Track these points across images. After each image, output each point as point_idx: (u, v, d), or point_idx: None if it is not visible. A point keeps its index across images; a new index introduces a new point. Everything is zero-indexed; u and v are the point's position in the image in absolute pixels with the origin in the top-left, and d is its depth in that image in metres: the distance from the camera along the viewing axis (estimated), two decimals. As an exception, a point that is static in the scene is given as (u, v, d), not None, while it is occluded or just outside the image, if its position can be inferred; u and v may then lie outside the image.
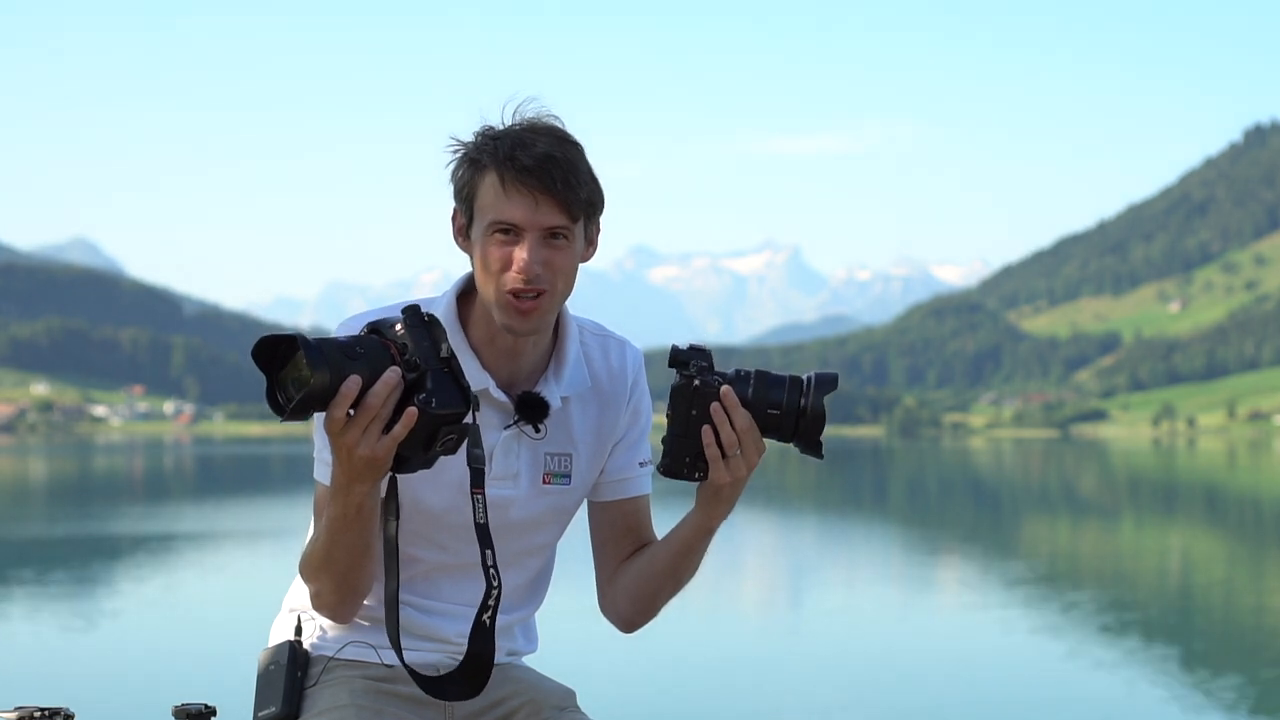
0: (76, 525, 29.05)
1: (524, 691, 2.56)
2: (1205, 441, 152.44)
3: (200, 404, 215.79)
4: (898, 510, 38.77)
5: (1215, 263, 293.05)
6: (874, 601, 17.95)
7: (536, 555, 2.58)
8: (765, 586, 19.78)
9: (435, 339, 2.21)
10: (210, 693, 2.88)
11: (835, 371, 2.38)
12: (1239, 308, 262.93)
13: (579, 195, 2.37)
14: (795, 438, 2.38)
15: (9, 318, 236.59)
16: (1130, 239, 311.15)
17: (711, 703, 11.25)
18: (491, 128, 2.39)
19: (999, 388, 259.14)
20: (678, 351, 2.38)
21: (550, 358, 2.51)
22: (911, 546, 26.41)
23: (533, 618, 2.65)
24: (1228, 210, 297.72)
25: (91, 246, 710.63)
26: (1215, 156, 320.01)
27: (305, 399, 2.12)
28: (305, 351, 2.11)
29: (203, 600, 17.30)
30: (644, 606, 2.57)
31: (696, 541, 2.49)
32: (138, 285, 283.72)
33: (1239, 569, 23.26)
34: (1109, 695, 11.66)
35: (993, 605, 17.43)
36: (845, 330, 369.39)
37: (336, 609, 2.43)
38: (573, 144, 2.39)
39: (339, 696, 2.47)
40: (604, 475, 2.58)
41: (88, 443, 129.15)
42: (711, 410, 2.36)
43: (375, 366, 2.17)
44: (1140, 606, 17.77)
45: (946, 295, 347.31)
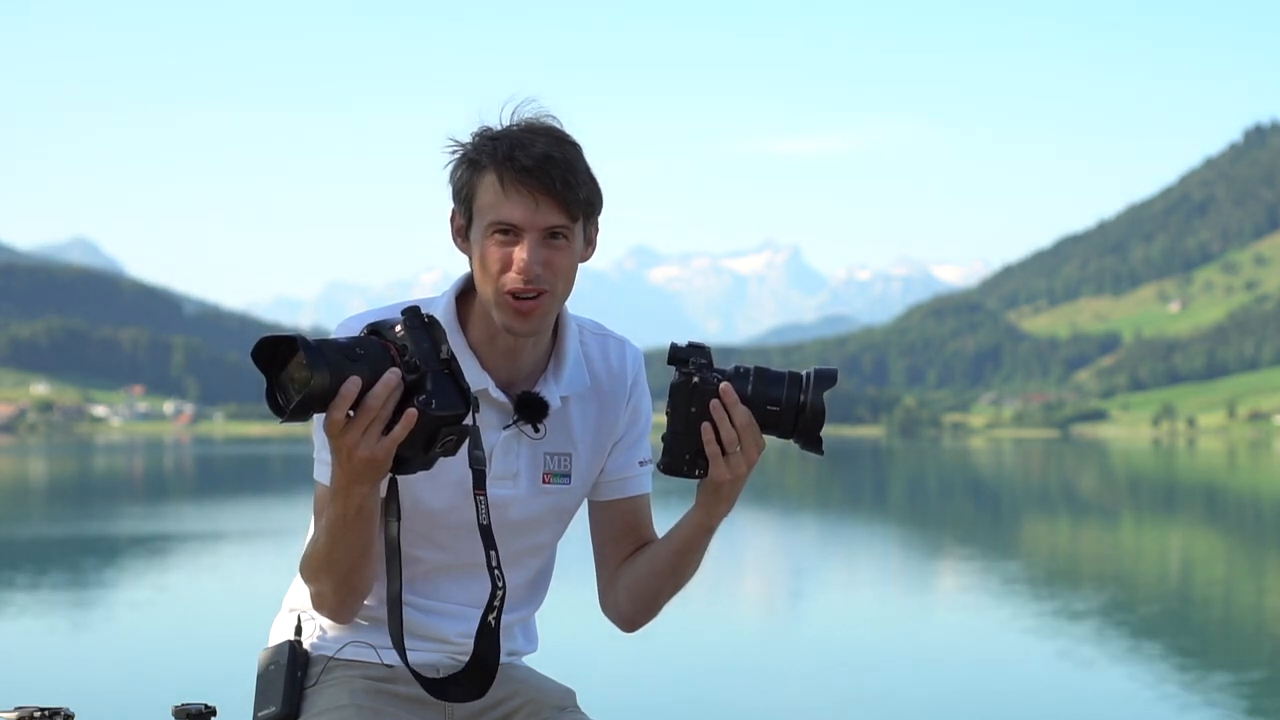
0: (76, 525, 29.05)
1: (524, 691, 2.56)
2: (1205, 441, 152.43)
3: (200, 404, 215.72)
4: (898, 510, 38.76)
5: (1215, 263, 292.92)
6: (874, 601, 17.95)
7: (536, 555, 2.58)
8: (765, 586, 19.77)
9: (435, 340, 2.21)
10: (210, 693, 2.88)
11: (834, 367, 2.38)
12: (1239, 308, 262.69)
13: (578, 195, 2.37)
14: (795, 434, 2.38)
15: (9, 318, 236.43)
16: (1130, 239, 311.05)
17: (711, 703, 11.25)
18: (490, 128, 2.39)
19: (999, 388, 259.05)
20: (677, 349, 2.38)
21: (549, 357, 2.51)
22: (911, 546, 26.41)
23: (533, 618, 2.65)
24: (1228, 210, 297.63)
25: (91, 246, 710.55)
26: (1215, 156, 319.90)
27: (305, 400, 2.12)
28: (305, 352, 2.11)
29: (203, 600, 17.30)
30: (645, 605, 2.57)
31: (697, 540, 2.49)
32: (138, 285, 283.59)
33: (1239, 569, 23.26)
34: (1109, 695, 11.66)
35: (992, 605, 17.44)
36: (845, 330, 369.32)
37: (338, 609, 2.43)
38: (571, 144, 2.39)
39: (339, 696, 2.47)
40: (604, 474, 2.58)
41: (88, 443, 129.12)
42: (711, 407, 2.36)
43: (375, 368, 2.17)
44: (1140, 606, 17.77)
45: (946, 295, 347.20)
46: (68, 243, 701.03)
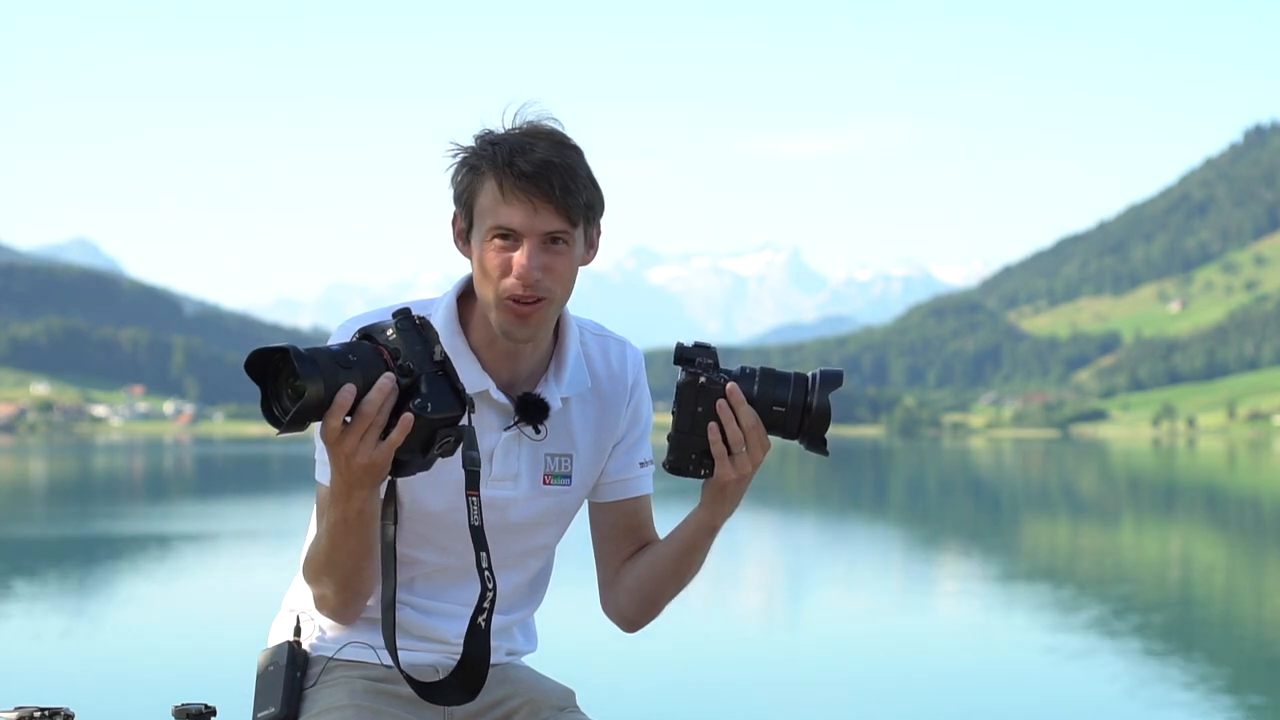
0: (76, 525, 29.03)
1: (523, 692, 2.56)
2: (1205, 441, 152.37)
3: (200, 404, 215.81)
4: (898, 510, 38.75)
5: (1215, 263, 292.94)
6: (874, 601, 17.94)
7: (537, 556, 2.58)
8: (765, 586, 19.77)
9: (428, 342, 2.21)
10: (210, 693, 2.87)
11: (840, 369, 2.37)
12: (1239, 308, 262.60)
13: (578, 201, 2.37)
14: (800, 435, 2.38)
15: (9, 318, 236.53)
16: (1130, 239, 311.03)
17: (711, 703, 11.25)
18: (491, 131, 2.39)
19: (999, 388, 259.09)
20: (683, 349, 2.38)
21: (550, 359, 2.51)
22: (911, 546, 26.40)
23: (532, 618, 2.65)
24: (1228, 210, 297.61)
25: (91, 246, 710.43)
26: (1215, 156, 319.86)
27: (301, 410, 2.12)
28: (298, 363, 2.11)
29: (203, 600, 17.29)
30: (647, 606, 2.57)
31: (700, 540, 2.49)
32: (138, 285, 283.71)
33: (1239, 569, 23.25)
34: (1108, 695, 11.65)
35: (992, 605, 17.43)
36: (845, 330, 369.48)
37: (340, 610, 2.44)
38: (572, 148, 2.39)
39: (338, 697, 2.47)
40: (605, 476, 2.58)
41: (88, 443, 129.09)
42: (717, 407, 2.36)
43: (369, 374, 2.17)
44: (1139, 606, 17.76)
45: (946, 295, 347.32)
46: (68, 243, 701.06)
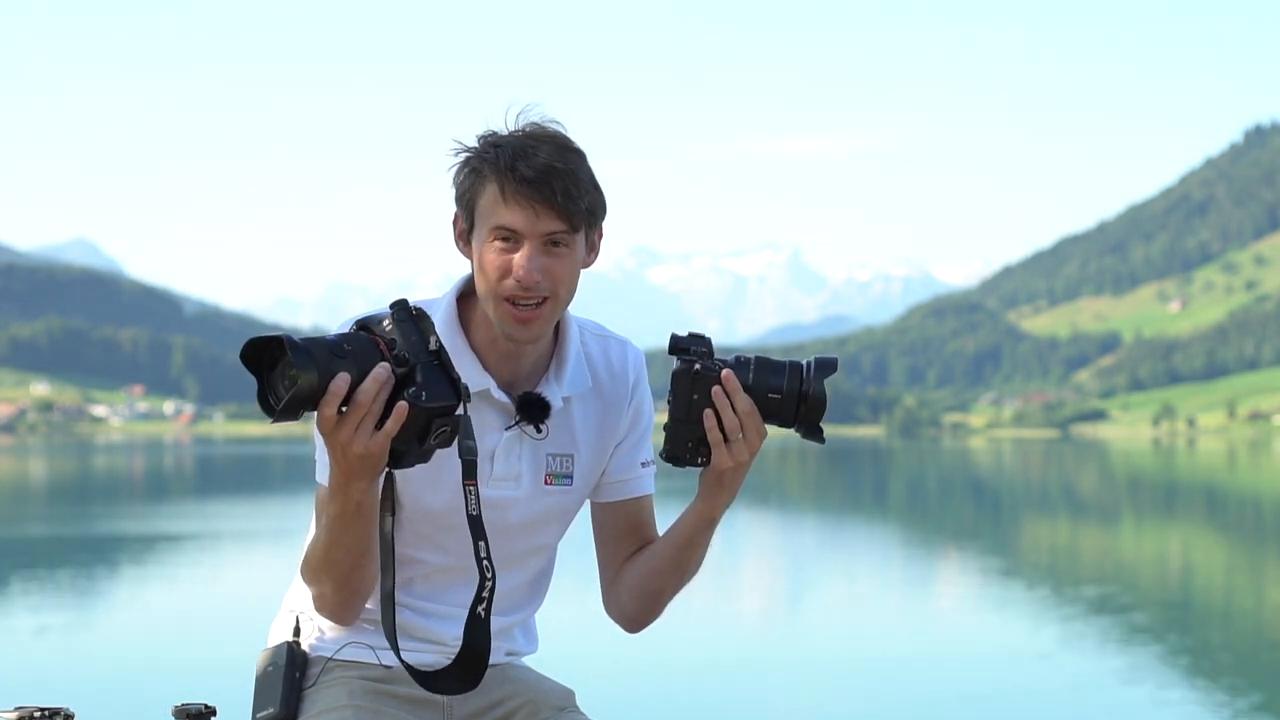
0: (76, 525, 29.04)
1: (523, 691, 2.56)
2: (1205, 441, 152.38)
3: (200, 404, 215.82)
4: (898, 510, 38.76)
5: (1215, 263, 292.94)
6: (873, 601, 17.95)
7: (537, 556, 2.58)
8: (765, 586, 19.78)
9: (424, 332, 2.22)
10: (210, 693, 2.87)
11: (835, 356, 2.38)
12: (1239, 308, 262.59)
13: (579, 205, 2.37)
14: (796, 422, 2.38)
15: (9, 318, 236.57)
16: (1130, 239, 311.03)
17: (711, 703, 11.26)
18: (494, 133, 2.39)
19: (999, 388, 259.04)
20: (677, 338, 2.39)
21: (551, 358, 2.51)
22: (911, 546, 26.41)
23: (532, 618, 2.64)
24: (1228, 210, 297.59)
25: (91, 246, 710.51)
26: (1215, 156, 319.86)
27: (294, 399, 2.13)
28: (291, 352, 2.12)
29: (203, 600, 17.30)
30: (649, 604, 2.57)
31: (699, 533, 2.49)
32: (138, 285, 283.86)
33: (1238, 569, 23.26)
34: (1108, 694, 11.65)
35: (992, 605, 17.44)
36: (845, 330, 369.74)
37: (339, 610, 2.43)
38: (575, 152, 2.38)
39: (337, 697, 2.47)
40: (607, 476, 2.57)
41: (88, 443, 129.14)
42: (713, 394, 2.36)
43: (363, 363, 2.18)
44: (1139, 606, 17.76)
45: (947, 295, 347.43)
46: (68, 243, 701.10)
